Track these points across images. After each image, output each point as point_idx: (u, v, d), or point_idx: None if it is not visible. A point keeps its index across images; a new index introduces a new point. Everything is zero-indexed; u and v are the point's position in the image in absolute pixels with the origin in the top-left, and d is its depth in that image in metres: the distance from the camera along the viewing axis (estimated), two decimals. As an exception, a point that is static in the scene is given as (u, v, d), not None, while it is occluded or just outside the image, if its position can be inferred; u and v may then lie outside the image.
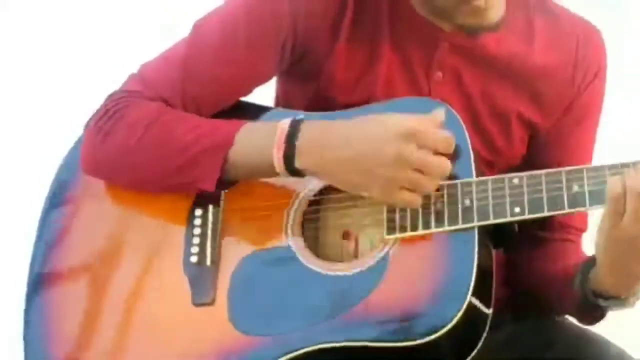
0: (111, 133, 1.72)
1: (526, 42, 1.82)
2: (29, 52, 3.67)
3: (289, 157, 1.64)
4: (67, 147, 1.88)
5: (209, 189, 1.69)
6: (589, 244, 1.75)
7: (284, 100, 1.92)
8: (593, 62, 1.84)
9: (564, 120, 1.85)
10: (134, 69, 1.81)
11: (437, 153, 1.60)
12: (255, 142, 1.67)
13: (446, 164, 1.60)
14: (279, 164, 1.65)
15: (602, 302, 1.68)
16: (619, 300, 1.67)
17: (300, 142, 1.64)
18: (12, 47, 3.69)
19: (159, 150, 1.70)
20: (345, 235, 1.75)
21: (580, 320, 1.80)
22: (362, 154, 1.61)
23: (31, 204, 1.88)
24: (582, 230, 1.90)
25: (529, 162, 1.84)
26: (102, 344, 1.70)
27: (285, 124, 1.66)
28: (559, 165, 1.68)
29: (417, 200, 1.62)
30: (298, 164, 1.64)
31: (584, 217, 1.89)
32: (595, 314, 1.74)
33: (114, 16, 3.66)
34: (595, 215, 1.64)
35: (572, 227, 1.88)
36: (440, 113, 1.63)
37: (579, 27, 1.85)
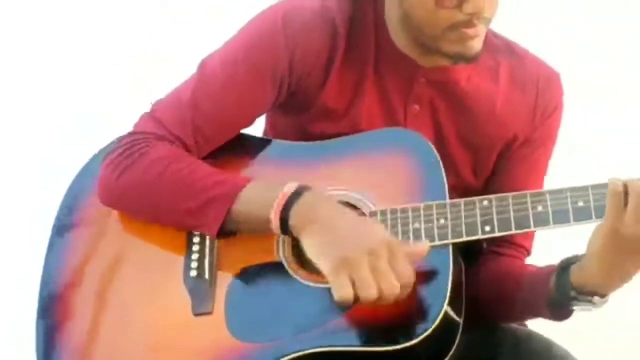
0: (128, 170, 1.87)
1: (492, 81, 2.00)
2: (29, 51, 3.70)
3: (284, 221, 1.78)
4: (67, 147, 1.99)
5: (211, 235, 1.85)
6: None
7: (272, 131, 2.08)
8: (551, 102, 2.02)
9: (520, 150, 2.03)
10: (134, 68, 1.95)
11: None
12: (259, 199, 1.81)
13: (395, 289, 1.68)
14: (275, 224, 1.78)
15: (580, 298, 1.81)
16: (601, 298, 1.80)
17: (296, 209, 1.77)
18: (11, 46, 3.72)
19: (171, 192, 1.85)
20: None
21: (552, 317, 1.92)
22: (342, 234, 1.73)
23: (31, 204, 1.97)
24: (529, 252, 2.07)
25: (486, 185, 2.04)
26: (107, 353, 1.85)
27: (290, 188, 1.79)
28: (511, 189, 1.85)
29: (349, 294, 1.69)
30: (290, 224, 1.77)
31: (532, 241, 2.07)
32: (567, 310, 1.87)
33: (113, 16, 3.71)
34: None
35: (522, 247, 2.05)
36: (424, 249, 1.75)
37: (541, 71, 2.03)
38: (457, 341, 1.80)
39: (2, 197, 3.46)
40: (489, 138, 2.01)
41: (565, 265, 1.84)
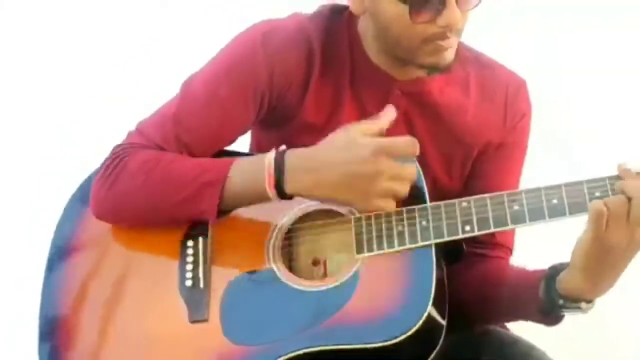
0: (116, 181, 1.96)
1: (463, 92, 2.10)
2: (28, 51, 3.71)
3: (278, 186, 1.88)
4: (67, 147, 2.03)
5: (210, 218, 1.94)
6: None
7: (257, 147, 2.18)
8: (519, 109, 2.13)
9: (495, 154, 2.14)
10: (135, 68, 1.99)
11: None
12: (247, 175, 1.91)
13: (412, 170, 1.86)
14: (271, 192, 1.89)
15: (567, 305, 1.90)
16: (588, 303, 1.90)
17: (286, 170, 1.88)
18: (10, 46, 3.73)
19: (161, 189, 1.94)
20: (315, 261, 1.99)
21: (543, 322, 2.00)
22: (344, 173, 1.85)
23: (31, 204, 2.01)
24: (512, 250, 2.17)
25: (464, 187, 2.14)
26: None
27: (270, 156, 1.90)
28: (489, 191, 1.94)
29: (392, 205, 1.87)
30: (287, 189, 1.89)
31: (513, 239, 2.17)
32: (557, 315, 1.95)
33: (113, 16, 3.72)
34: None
35: (505, 247, 2.15)
36: (390, 112, 1.89)
37: (509, 80, 2.14)
38: (440, 342, 1.88)
39: (2, 198, 3.49)
40: (462, 145, 2.11)
41: (553, 274, 1.93)
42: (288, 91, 2.03)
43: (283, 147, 1.94)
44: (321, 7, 2.11)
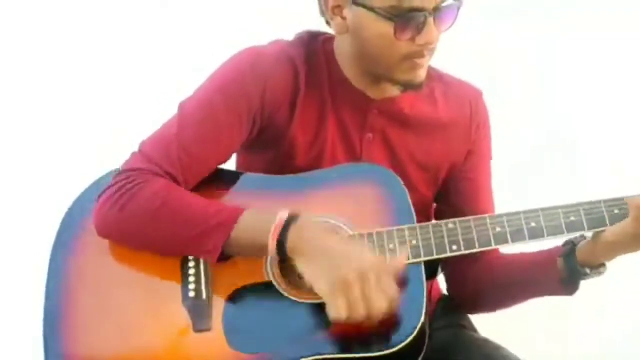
0: (127, 206, 2.05)
1: (431, 104, 2.29)
2: (28, 51, 3.68)
3: (280, 241, 1.99)
4: (67, 147, 2.03)
5: (211, 260, 2.05)
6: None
7: (243, 165, 2.30)
8: (482, 116, 2.36)
9: (467, 162, 2.33)
10: (134, 68, 2.02)
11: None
12: (255, 225, 2.02)
13: (382, 307, 1.91)
14: (271, 243, 1.99)
15: (592, 272, 2.14)
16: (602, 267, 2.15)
17: (291, 233, 1.98)
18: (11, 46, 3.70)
19: (172, 223, 2.04)
20: (300, 275, 2.11)
21: (565, 293, 2.22)
22: (336, 258, 1.94)
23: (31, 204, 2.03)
24: None
25: (441, 197, 2.34)
26: None
27: (282, 217, 2.00)
28: (465, 198, 2.22)
29: (344, 314, 1.90)
30: (287, 244, 1.98)
31: None
32: (577, 284, 2.18)
33: (113, 16, 3.70)
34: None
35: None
36: (402, 261, 2.00)
37: (469, 92, 2.36)
38: (425, 347, 2.03)
39: (3, 198, 3.49)
40: (437, 153, 2.30)
41: (569, 251, 2.15)
42: (277, 112, 2.18)
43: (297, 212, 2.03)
44: (299, 33, 2.28)
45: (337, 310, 1.92)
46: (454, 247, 2.06)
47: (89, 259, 2.13)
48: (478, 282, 2.33)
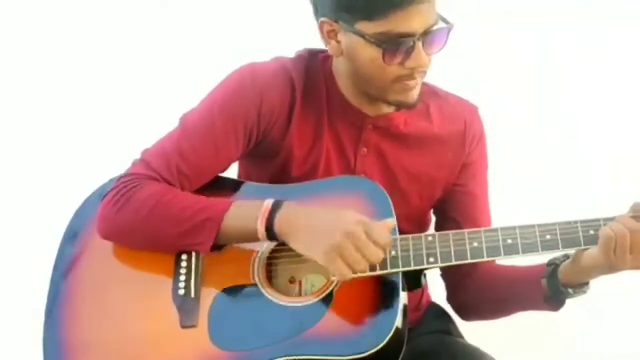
0: (124, 208, 2.19)
1: (426, 119, 2.38)
2: (28, 51, 3.72)
3: (269, 224, 2.13)
4: (67, 147, 2.09)
5: (204, 253, 2.19)
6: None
7: (245, 175, 2.42)
8: (477, 131, 2.43)
9: (462, 175, 2.42)
10: (134, 68, 2.07)
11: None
12: (243, 214, 2.16)
13: (380, 255, 2.07)
14: (261, 231, 2.14)
15: (576, 292, 2.24)
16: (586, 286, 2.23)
17: (278, 218, 2.13)
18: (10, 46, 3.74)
19: (164, 221, 2.18)
20: (291, 280, 2.24)
21: (550, 309, 2.31)
22: (321, 228, 2.08)
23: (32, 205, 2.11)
24: None
25: (439, 211, 2.44)
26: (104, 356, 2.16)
27: (269, 203, 2.15)
28: (462, 209, 2.30)
29: (349, 273, 2.06)
30: (275, 228, 2.13)
31: None
32: (562, 302, 2.27)
33: (113, 16, 3.74)
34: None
35: None
36: (392, 221, 2.13)
37: (464, 107, 2.43)
38: (400, 356, 2.11)
39: (4, 199, 3.55)
40: (430, 167, 2.39)
41: (552, 271, 2.24)
42: (274, 125, 2.29)
43: (277, 191, 2.21)
44: (300, 51, 2.39)
45: (340, 273, 2.06)
46: (431, 259, 2.14)
47: (94, 256, 2.27)
48: (471, 292, 2.43)
